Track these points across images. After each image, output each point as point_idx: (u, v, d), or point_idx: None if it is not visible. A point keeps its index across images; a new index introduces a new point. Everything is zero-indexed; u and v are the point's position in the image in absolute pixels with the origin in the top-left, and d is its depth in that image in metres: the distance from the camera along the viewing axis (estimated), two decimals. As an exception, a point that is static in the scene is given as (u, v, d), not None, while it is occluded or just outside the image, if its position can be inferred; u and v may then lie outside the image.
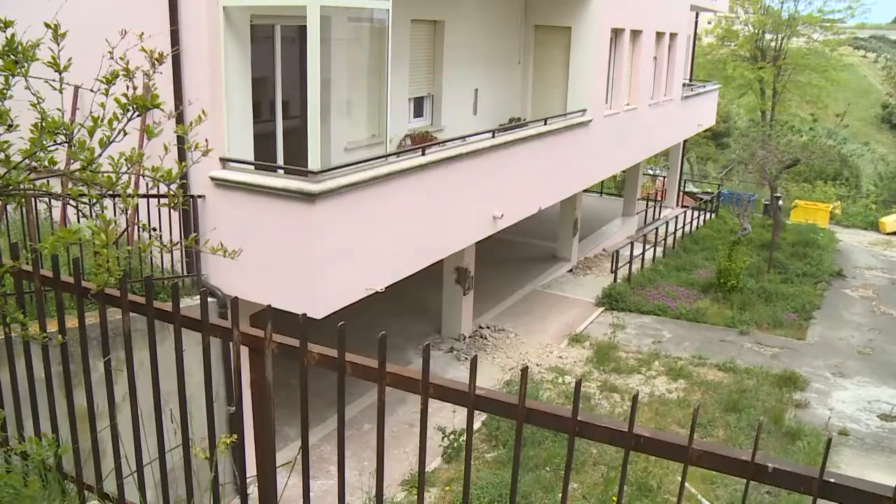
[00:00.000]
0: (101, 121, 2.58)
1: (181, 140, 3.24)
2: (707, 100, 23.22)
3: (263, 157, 7.93)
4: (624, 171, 23.24)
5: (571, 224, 17.80)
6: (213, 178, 7.34)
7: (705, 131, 30.25)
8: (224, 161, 7.40)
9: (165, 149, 2.99)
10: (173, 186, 3.01)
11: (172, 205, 3.03)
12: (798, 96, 38.77)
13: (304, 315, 2.44)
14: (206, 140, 3.11)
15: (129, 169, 2.69)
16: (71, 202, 2.78)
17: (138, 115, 2.63)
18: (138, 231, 7.15)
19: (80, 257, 4.27)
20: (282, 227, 7.08)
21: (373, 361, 2.40)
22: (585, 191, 20.66)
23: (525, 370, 2.03)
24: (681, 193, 26.57)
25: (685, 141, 25.69)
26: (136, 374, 2.90)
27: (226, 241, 3.89)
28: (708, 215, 24.82)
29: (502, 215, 10.15)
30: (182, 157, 5.91)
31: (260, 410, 2.75)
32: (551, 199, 12.69)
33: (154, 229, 3.27)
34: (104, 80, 2.58)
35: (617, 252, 16.86)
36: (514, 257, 18.27)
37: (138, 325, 3.56)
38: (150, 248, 2.75)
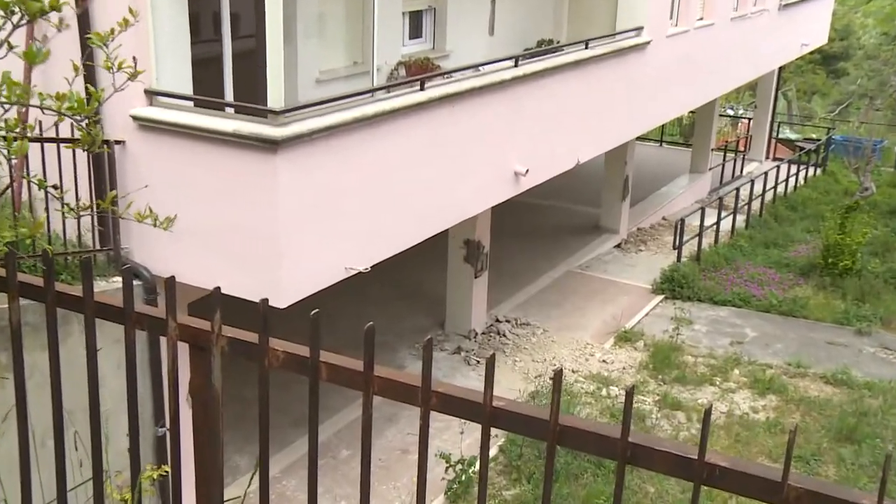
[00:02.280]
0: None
1: (90, 54, 3.15)
2: (817, 7, 22.88)
3: (206, 91, 7.91)
4: (693, 112, 23.14)
5: (620, 184, 17.78)
6: (135, 119, 7.33)
7: (812, 53, 29.89)
8: (151, 94, 7.38)
9: (75, 69, 2.90)
10: (89, 126, 2.96)
11: (86, 147, 2.96)
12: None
13: (265, 301, 2.45)
14: (135, 59, 3.02)
15: (10, 97, 2.63)
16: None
17: (28, 22, 2.57)
18: (30, 189, 7.15)
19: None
20: (232, 186, 7.08)
21: (356, 362, 2.41)
22: (639, 139, 20.59)
23: (559, 374, 2.04)
24: (772, 141, 26.48)
25: (782, 68, 25.54)
26: (26, 382, 2.90)
27: (155, 204, 3.89)
28: (811, 171, 24.74)
29: (527, 171, 10.12)
30: (94, 80, 5.88)
31: (203, 431, 2.76)
32: (593, 150, 12.64)
33: (54, 187, 3.21)
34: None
35: (682, 221, 16.85)
36: (542, 227, 18.29)
37: (30, 317, 3.56)
38: (48, 215, 2.73)
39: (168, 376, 2.71)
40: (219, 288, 2.55)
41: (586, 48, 11.45)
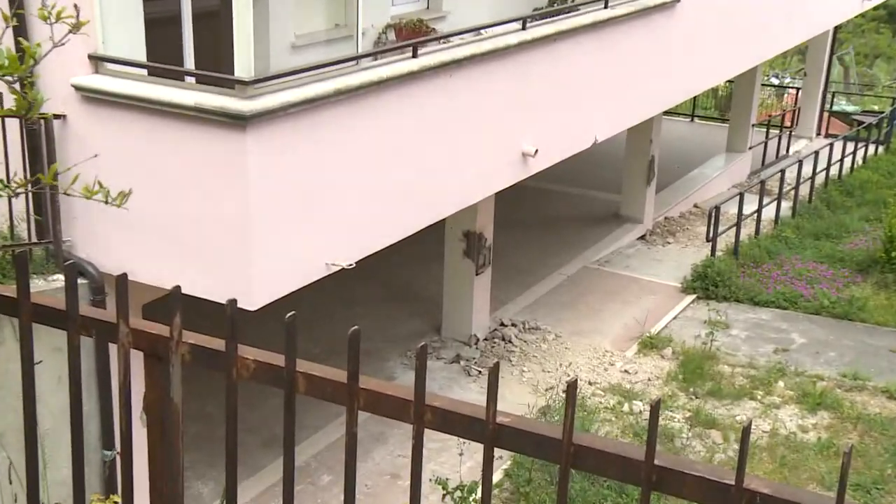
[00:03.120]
0: None
1: (21, 2, 3.10)
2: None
3: (162, 57, 7.89)
4: (731, 82, 23.14)
5: (644, 166, 17.80)
6: (78, 89, 7.32)
7: (875, 9, 29.79)
8: (96, 60, 7.37)
9: (5, 19, 2.84)
10: (24, 88, 2.94)
11: (24, 113, 2.92)
12: None
13: (233, 303, 2.46)
14: (76, 6, 2.97)
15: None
16: None
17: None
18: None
19: None
20: (194, 169, 7.09)
21: (339, 373, 2.42)
22: (667, 113, 20.59)
23: (573, 385, 2.05)
24: (825, 115, 26.49)
25: (838, 28, 25.48)
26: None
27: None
28: (871, 149, 24.73)
29: (536, 152, 10.13)
30: (27, 35, 5.84)
31: (160, 455, 2.77)
32: (613, 127, 12.64)
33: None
34: None
35: (717, 209, 16.87)
36: (554, 217, 18.30)
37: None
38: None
39: (119, 391, 2.72)
40: (179, 287, 2.56)
41: (605, 7, 11.44)
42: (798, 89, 27.10)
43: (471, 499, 9.57)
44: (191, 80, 7.38)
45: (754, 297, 15.23)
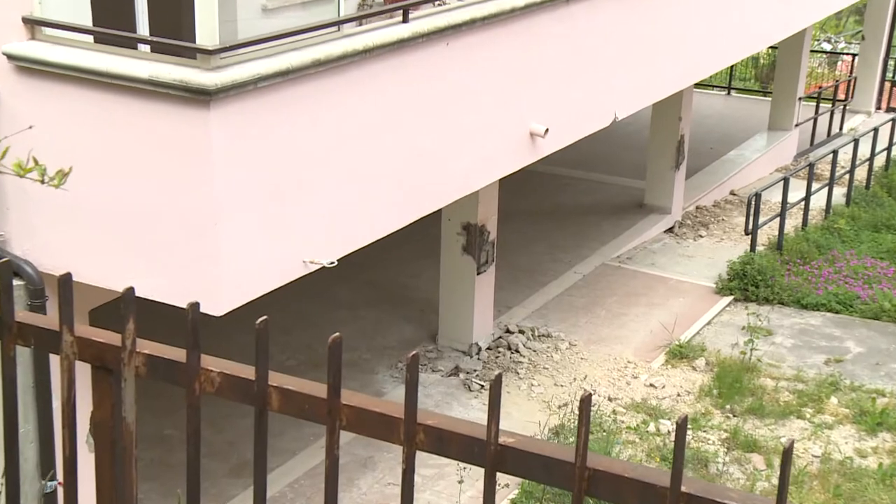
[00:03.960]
0: None
1: None
2: None
3: (111, 21, 7.89)
4: (774, 48, 23.12)
5: (672, 147, 17.78)
6: (10, 58, 7.30)
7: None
8: (32, 25, 7.35)
9: None
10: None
11: None
12: None
13: (195, 307, 2.47)
14: None
15: None
16: None
17: None
18: None
19: None
20: (149, 152, 7.09)
21: (318, 387, 2.43)
22: (699, 86, 20.59)
23: (587, 400, 2.06)
24: (887, 86, 26.42)
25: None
26: None
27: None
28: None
29: (546, 132, 10.15)
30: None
31: (109, 484, 2.78)
32: (636, 103, 12.64)
33: None
34: None
35: (757, 196, 16.88)
36: (568, 207, 18.31)
37: None
38: None
39: (62, 409, 2.73)
40: (132, 289, 2.58)
41: (629, -39, 11.46)
42: (854, 56, 27.06)
43: (472, 534, 9.61)
44: (145, 48, 7.38)
45: (801, 299, 15.25)
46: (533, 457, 2.18)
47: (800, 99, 22.06)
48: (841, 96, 25.48)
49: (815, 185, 18.31)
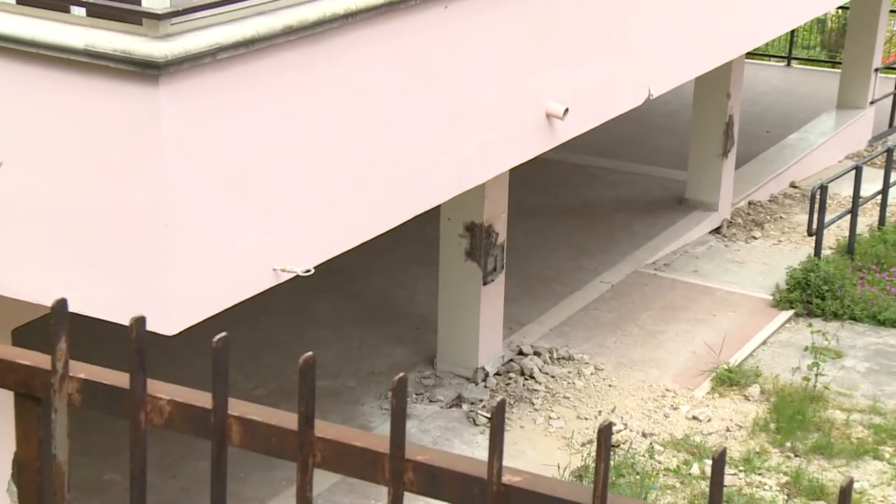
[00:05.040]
0: None
1: None
2: None
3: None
4: (844, 8, 23.10)
5: (720, 130, 17.75)
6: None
7: None
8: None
9: None
10: None
11: None
12: None
13: (140, 322, 2.49)
14: None
15: None
16: None
17: None
18: None
19: None
20: (85, 137, 7.09)
21: (288, 417, 2.45)
22: (752, 56, 20.59)
23: (606, 429, 2.08)
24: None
25: None
26: None
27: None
28: None
29: (566, 112, 10.15)
30: None
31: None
32: (675, 77, 12.65)
33: None
34: None
35: (823, 190, 16.85)
36: (592, 203, 18.29)
37: None
38: None
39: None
40: (64, 301, 2.59)
41: None
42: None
43: None
44: (80, 11, 7.39)
45: (878, 314, 15.23)
46: (543, 498, 2.19)
47: (876, 70, 22.00)
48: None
49: (893, 176, 18.28)
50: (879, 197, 18.04)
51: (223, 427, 2.46)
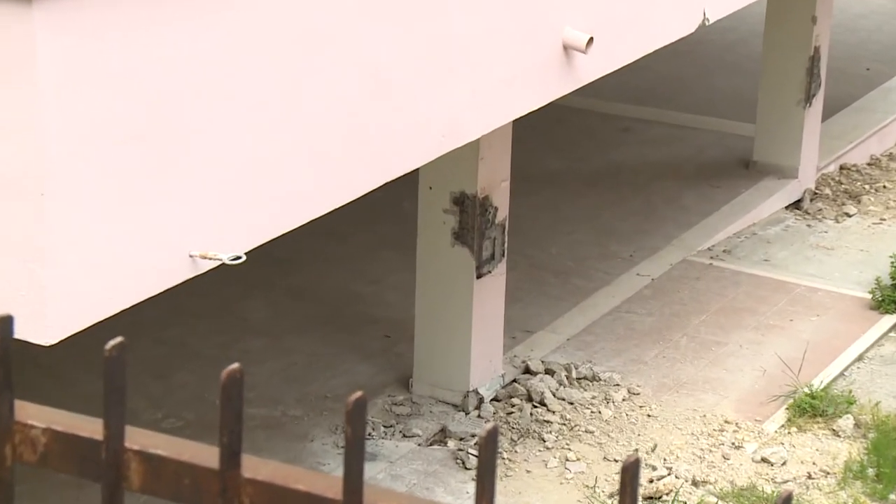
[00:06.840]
0: None
1: None
2: None
3: None
4: None
5: (801, 69, 17.78)
6: None
7: None
8: None
9: None
10: None
11: None
12: None
13: (5, 323, 2.52)
14: None
15: None
16: None
17: None
18: None
19: None
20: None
21: (207, 452, 2.47)
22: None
23: (632, 466, 2.11)
24: None
25: None
26: None
27: None
28: None
29: (591, 42, 10.19)
30: None
31: None
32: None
33: None
34: None
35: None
36: (628, 168, 18.33)
37: None
38: None
39: None
40: None
41: None
42: None
43: None
44: None
45: None
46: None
47: None
48: None
49: None
50: None
51: (118, 464, 2.47)
